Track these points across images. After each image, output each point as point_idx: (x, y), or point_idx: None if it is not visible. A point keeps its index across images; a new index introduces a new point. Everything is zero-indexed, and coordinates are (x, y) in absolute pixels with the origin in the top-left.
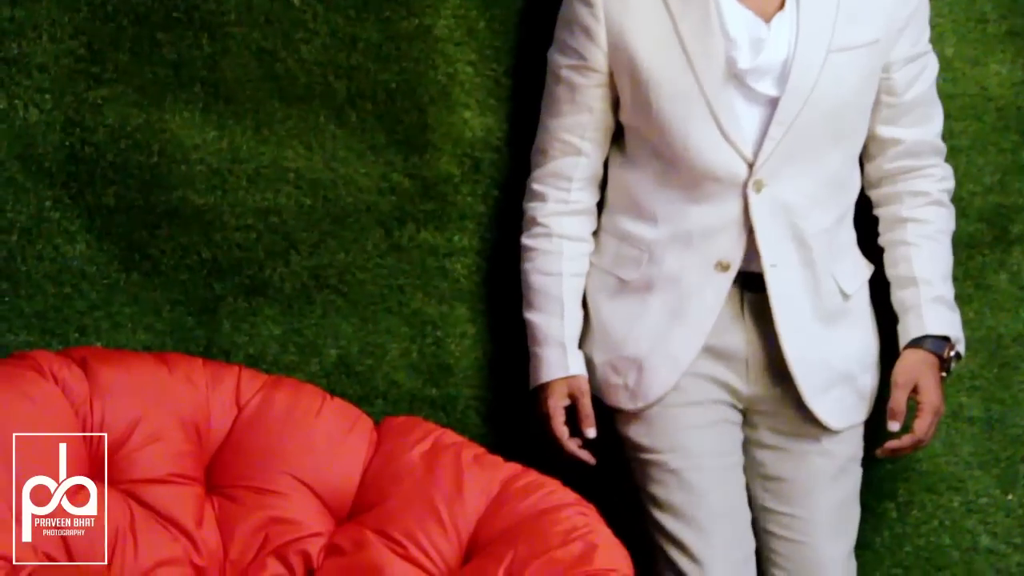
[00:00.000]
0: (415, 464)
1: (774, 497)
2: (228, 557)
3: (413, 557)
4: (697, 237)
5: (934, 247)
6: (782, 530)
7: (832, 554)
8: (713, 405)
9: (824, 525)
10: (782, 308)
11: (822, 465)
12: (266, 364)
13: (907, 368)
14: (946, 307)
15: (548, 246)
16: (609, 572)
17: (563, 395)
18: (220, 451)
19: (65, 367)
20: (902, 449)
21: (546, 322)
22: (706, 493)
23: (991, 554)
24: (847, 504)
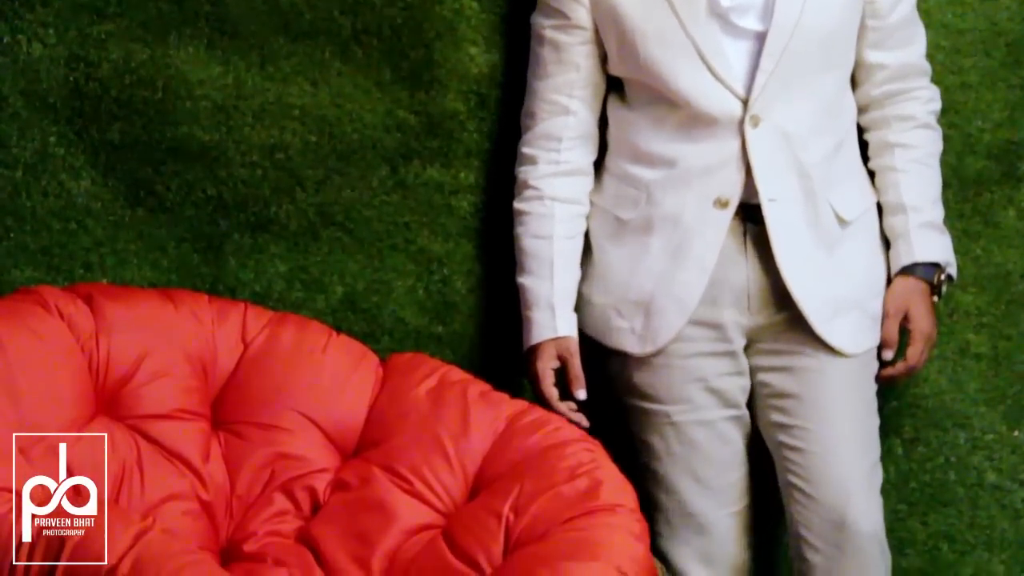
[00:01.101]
0: (421, 401)
1: (787, 414)
2: (235, 492)
3: (419, 493)
4: (695, 176)
5: (922, 171)
6: (799, 443)
7: (854, 463)
8: (718, 357)
9: (843, 436)
10: (782, 242)
11: (834, 378)
12: (272, 301)
13: (897, 296)
14: (935, 232)
15: (540, 209)
16: (615, 507)
17: (551, 357)
18: (226, 387)
19: (71, 303)
20: (896, 377)
21: (536, 285)
22: (705, 446)
23: (996, 490)
24: (864, 416)
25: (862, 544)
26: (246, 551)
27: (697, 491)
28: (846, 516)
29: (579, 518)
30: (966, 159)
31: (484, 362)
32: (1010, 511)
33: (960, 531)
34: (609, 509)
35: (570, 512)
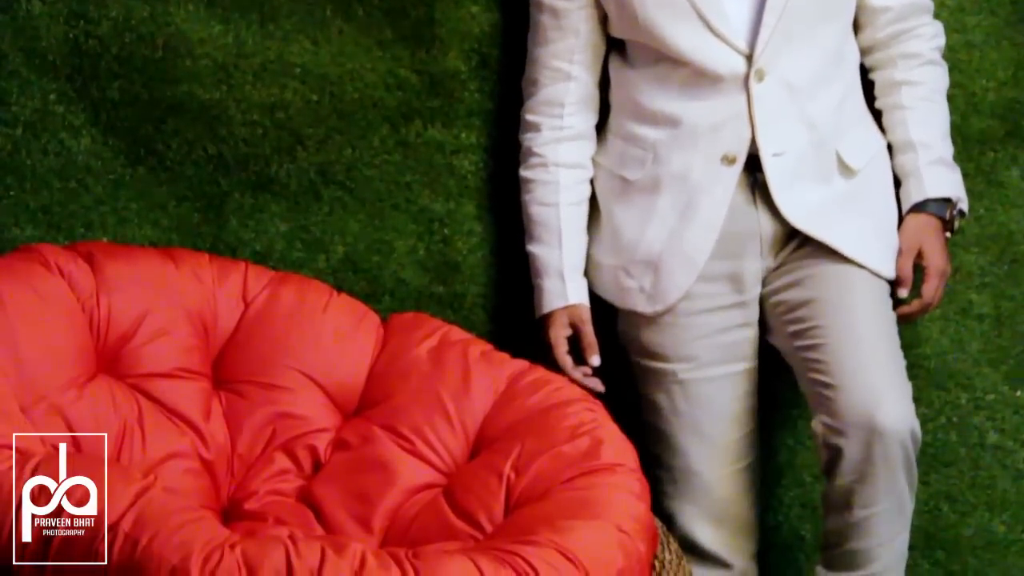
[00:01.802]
0: (422, 360)
1: (804, 321)
2: (236, 451)
3: (420, 452)
4: (701, 134)
5: (930, 107)
6: (818, 340)
7: (878, 357)
8: (727, 310)
9: (865, 332)
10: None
11: (855, 283)
12: (272, 261)
13: (910, 233)
14: (945, 168)
15: (545, 176)
16: (615, 467)
17: (564, 325)
18: (227, 346)
19: (71, 261)
20: (912, 314)
21: (546, 253)
22: (711, 403)
23: (998, 450)
24: (886, 324)
25: (891, 440)
26: (247, 510)
27: (702, 449)
28: (876, 409)
29: (580, 477)
30: (970, 118)
31: (485, 322)
32: (1011, 471)
33: (961, 491)
34: (610, 468)
35: (571, 471)
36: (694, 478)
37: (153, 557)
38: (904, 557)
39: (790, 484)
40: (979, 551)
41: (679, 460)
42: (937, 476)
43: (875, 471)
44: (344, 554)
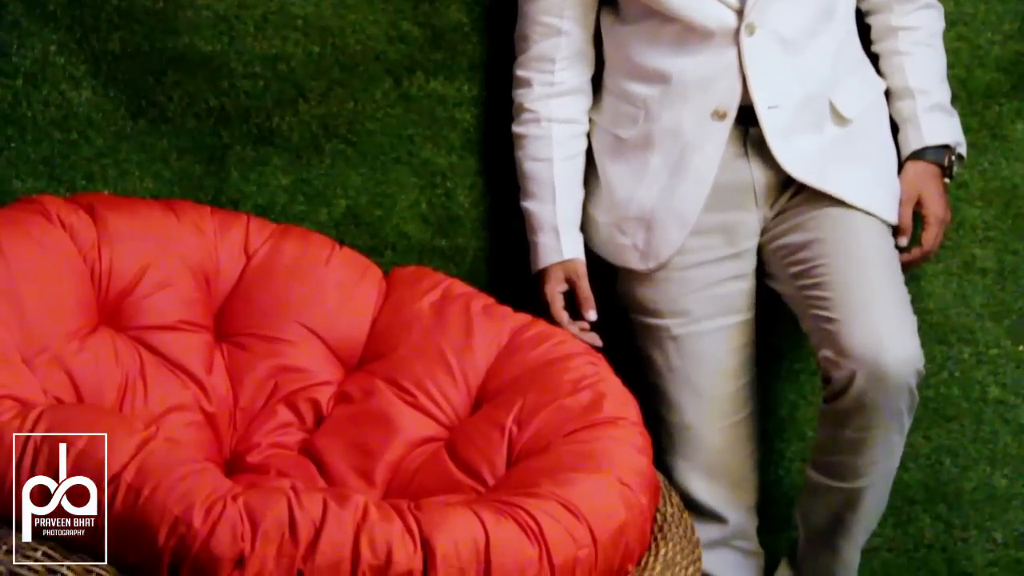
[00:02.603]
0: (424, 314)
1: (807, 261)
2: (238, 404)
3: (422, 406)
4: (692, 89)
5: (927, 52)
6: (821, 278)
7: (882, 294)
8: (720, 263)
9: (868, 270)
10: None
11: (857, 224)
12: (274, 214)
13: (909, 181)
14: (943, 113)
15: (537, 131)
16: (618, 420)
17: (560, 280)
18: (229, 299)
19: (73, 213)
20: (912, 262)
21: (540, 208)
22: (705, 357)
23: (1000, 405)
24: (889, 265)
25: (895, 379)
26: (249, 462)
27: (696, 404)
28: (881, 347)
29: (582, 431)
30: (975, 71)
31: (487, 276)
32: (1013, 425)
33: (963, 445)
34: (612, 422)
35: (573, 425)
36: (688, 433)
37: (155, 508)
38: (891, 477)
39: (791, 438)
40: (980, 505)
41: (674, 415)
42: (939, 430)
43: (876, 405)
44: (346, 506)
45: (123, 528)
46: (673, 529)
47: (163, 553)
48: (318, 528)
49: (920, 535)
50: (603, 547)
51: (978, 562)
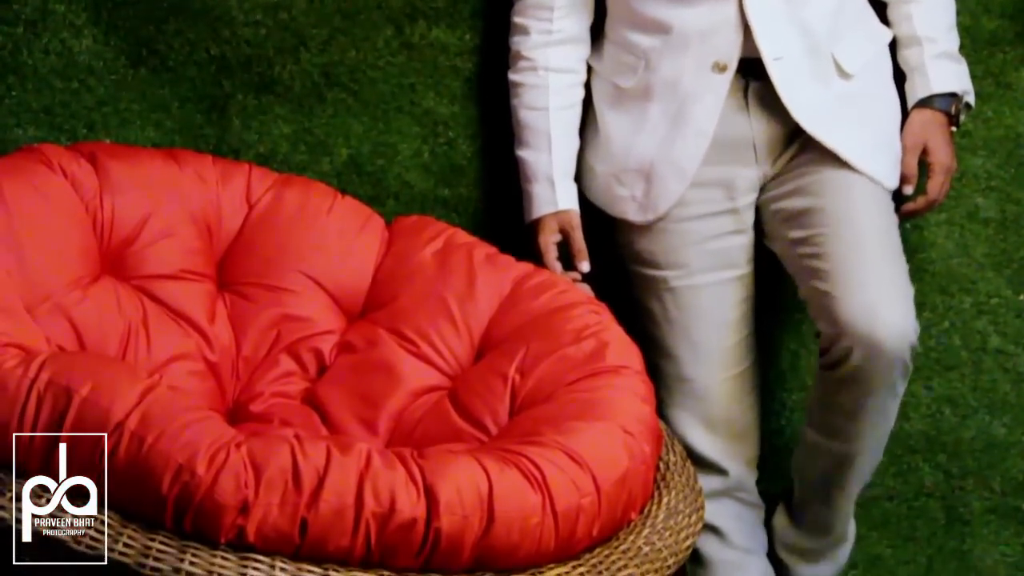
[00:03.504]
0: (427, 263)
1: (805, 227)
2: (241, 354)
3: (425, 355)
4: (692, 40)
5: (934, 1)
6: (819, 248)
7: (879, 264)
8: (719, 217)
9: (866, 239)
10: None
11: (855, 190)
12: (276, 163)
13: (915, 130)
14: (951, 61)
15: (534, 80)
16: (620, 369)
17: (553, 231)
18: (231, 249)
19: (74, 161)
20: (917, 211)
21: (534, 158)
22: (704, 310)
23: (1000, 354)
24: (887, 232)
25: (889, 353)
26: (252, 412)
27: (694, 356)
28: (876, 322)
29: (585, 379)
30: (980, 19)
31: (490, 225)
32: (1013, 374)
33: (963, 395)
34: (615, 371)
35: (576, 373)
36: (687, 385)
37: (159, 456)
38: (886, 437)
39: (792, 388)
40: (979, 453)
41: (672, 367)
42: (939, 380)
43: (871, 378)
44: (350, 453)
45: (127, 476)
46: (676, 477)
47: (167, 501)
48: (321, 476)
49: (920, 484)
50: (606, 495)
51: (976, 510)
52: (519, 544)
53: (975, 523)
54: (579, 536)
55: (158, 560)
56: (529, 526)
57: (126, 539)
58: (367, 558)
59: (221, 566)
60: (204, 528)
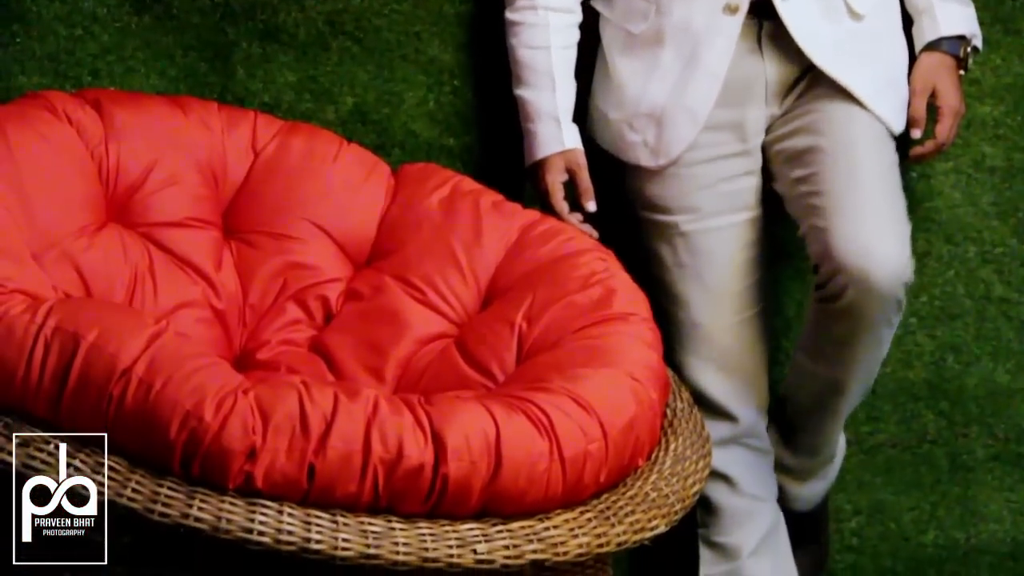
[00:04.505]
0: (433, 211)
1: (808, 166)
2: (247, 301)
3: (431, 302)
4: None
5: None
6: (819, 186)
7: (879, 202)
8: (730, 159)
9: (866, 176)
10: (804, 36)
11: (858, 127)
12: (281, 111)
13: (924, 73)
14: (959, 4)
15: (533, 19)
16: (628, 316)
17: (560, 170)
18: (237, 196)
19: (79, 108)
20: (926, 155)
21: (537, 97)
22: (713, 254)
23: (1004, 302)
24: (889, 173)
25: (883, 290)
26: (259, 359)
27: (705, 300)
28: (871, 258)
29: (592, 326)
30: None
31: (496, 173)
32: (1016, 322)
33: (966, 342)
34: (622, 317)
35: (583, 320)
36: (698, 330)
37: (166, 402)
38: (877, 367)
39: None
40: (983, 401)
41: (683, 312)
42: (943, 328)
43: (864, 314)
44: (357, 400)
45: (134, 422)
46: (683, 424)
47: (175, 447)
48: (329, 422)
49: (923, 431)
50: (613, 441)
51: (980, 457)
52: (526, 490)
53: (979, 470)
54: (586, 482)
55: (166, 506)
56: (536, 472)
57: (134, 485)
58: (375, 504)
59: (229, 511)
60: (212, 474)
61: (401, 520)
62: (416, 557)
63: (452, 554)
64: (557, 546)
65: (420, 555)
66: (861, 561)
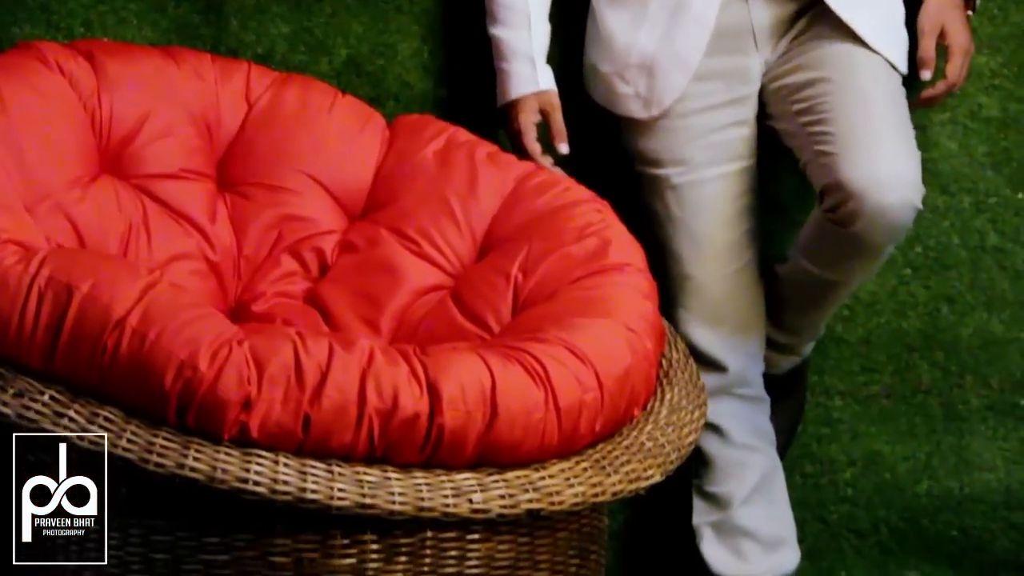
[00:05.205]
0: (428, 162)
1: (811, 99)
2: (242, 254)
3: (427, 254)
4: None
5: None
6: (823, 115)
7: (890, 136)
8: (721, 108)
9: (874, 107)
10: None
11: (863, 65)
12: (274, 63)
13: (932, 13)
14: None
15: None
16: (623, 266)
17: (534, 111)
18: (231, 148)
19: (71, 59)
20: (936, 97)
21: (513, 36)
22: (705, 205)
23: (998, 252)
24: (896, 102)
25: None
26: (254, 311)
27: (695, 252)
28: (881, 182)
29: (588, 277)
30: None
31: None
32: (1010, 272)
33: (961, 293)
34: (618, 268)
35: (579, 271)
36: (688, 282)
37: (161, 352)
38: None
39: None
40: (977, 351)
41: (675, 265)
42: (937, 279)
43: (872, 237)
44: (352, 350)
45: (128, 373)
46: (679, 375)
47: (169, 397)
48: (324, 372)
49: (917, 381)
50: (609, 391)
51: (974, 407)
52: (522, 440)
53: (973, 420)
54: (582, 432)
55: (162, 456)
56: (532, 422)
57: (129, 435)
58: (370, 454)
59: (225, 462)
60: (207, 424)
61: (397, 470)
62: (412, 507)
63: (448, 503)
64: (553, 495)
65: (416, 504)
66: (855, 512)
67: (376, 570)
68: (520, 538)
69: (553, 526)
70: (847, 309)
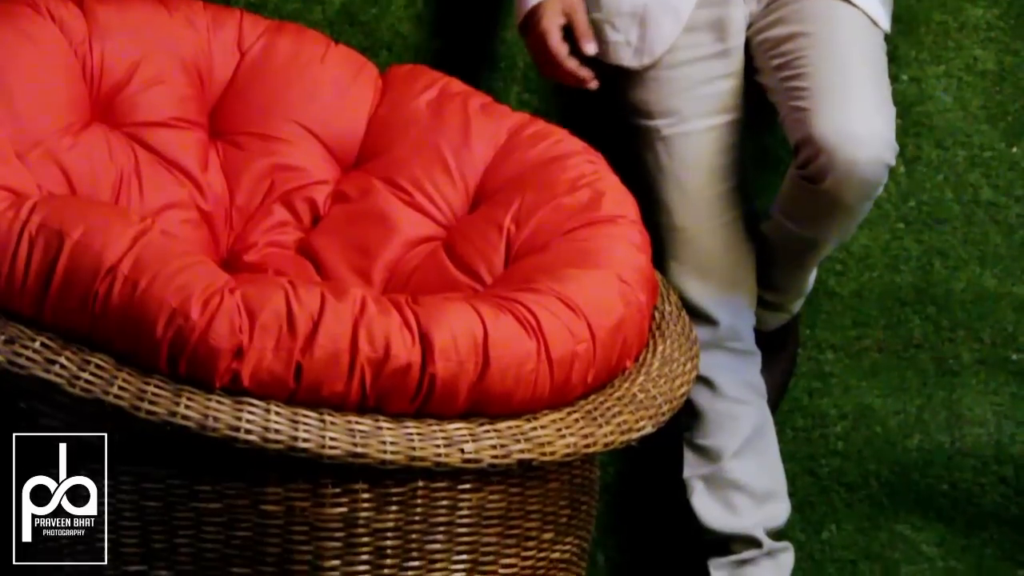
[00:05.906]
0: (421, 112)
1: (790, 54)
2: (234, 203)
3: (419, 204)
4: None
5: None
6: (801, 69)
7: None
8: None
9: (849, 62)
10: None
11: (844, 19)
12: (267, 12)
13: None
14: None
15: None
16: (616, 218)
17: (557, 12)
18: (223, 97)
19: (62, 5)
20: None
21: None
22: (694, 157)
23: (992, 206)
24: (874, 59)
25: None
26: (246, 261)
27: (685, 204)
28: (854, 138)
29: (580, 229)
30: None
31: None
32: (1004, 226)
33: (953, 247)
34: (611, 220)
35: (571, 223)
36: (679, 234)
37: (152, 300)
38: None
39: None
40: (969, 305)
41: (665, 217)
42: (930, 233)
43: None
44: (344, 299)
45: (120, 320)
46: (671, 327)
47: (161, 345)
48: (316, 321)
49: (909, 336)
50: (601, 342)
51: (966, 361)
52: (514, 390)
53: (965, 374)
54: (574, 383)
55: (153, 403)
56: (524, 372)
57: (121, 382)
58: (362, 403)
59: (216, 410)
60: (199, 372)
61: (388, 419)
62: (403, 456)
63: (439, 453)
64: (544, 446)
65: (407, 454)
66: (846, 465)
67: (367, 519)
68: (511, 488)
69: (544, 477)
70: (839, 263)
